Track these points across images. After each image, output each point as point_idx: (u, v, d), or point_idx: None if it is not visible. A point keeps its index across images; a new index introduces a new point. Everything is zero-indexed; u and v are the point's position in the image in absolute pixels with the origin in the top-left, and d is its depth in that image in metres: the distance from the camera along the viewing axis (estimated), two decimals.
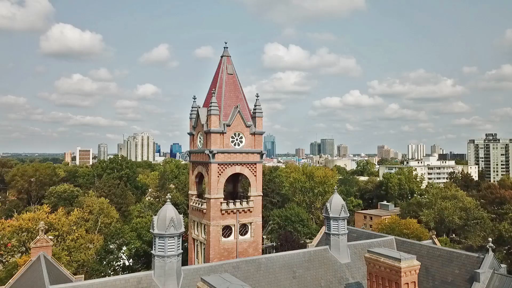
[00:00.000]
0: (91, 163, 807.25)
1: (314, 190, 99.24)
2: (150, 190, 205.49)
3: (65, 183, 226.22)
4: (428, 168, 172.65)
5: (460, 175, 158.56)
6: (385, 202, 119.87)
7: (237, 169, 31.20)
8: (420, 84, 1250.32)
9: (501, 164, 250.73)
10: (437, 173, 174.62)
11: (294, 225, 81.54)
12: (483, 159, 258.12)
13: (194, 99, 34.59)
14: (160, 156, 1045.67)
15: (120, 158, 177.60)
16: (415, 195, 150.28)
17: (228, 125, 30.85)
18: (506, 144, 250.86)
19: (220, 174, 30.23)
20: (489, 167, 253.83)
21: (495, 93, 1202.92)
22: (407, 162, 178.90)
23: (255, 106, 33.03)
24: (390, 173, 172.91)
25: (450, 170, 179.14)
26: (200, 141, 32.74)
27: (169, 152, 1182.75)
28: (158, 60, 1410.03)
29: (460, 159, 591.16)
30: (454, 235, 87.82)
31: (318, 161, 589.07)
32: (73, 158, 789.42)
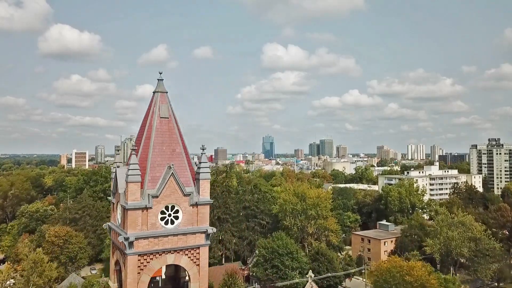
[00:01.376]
0: (87, 166, 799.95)
1: (307, 213, 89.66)
2: None
3: (50, 194, 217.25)
4: (430, 179, 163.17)
5: (464, 187, 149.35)
6: (384, 222, 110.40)
7: (170, 259, 21.55)
8: (420, 84, 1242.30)
9: (505, 171, 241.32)
10: (439, 183, 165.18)
11: (281, 259, 71.98)
12: (486, 165, 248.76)
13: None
14: None
15: (104, 170, 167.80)
16: (416, 208, 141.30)
17: (156, 196, 21.24)
18: (510, 150, 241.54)
19: (141, 270, 20.64)
20: (493, 174, 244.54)
21: (495, 92, 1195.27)
22: (408, 172, 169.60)
23: (199, 163, 23.43)
24: (390, 185, 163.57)
25: (453, 180, 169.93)
26: (119, 215, 23.12)
27: None
28: (157, 60, 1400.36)
29: (461, 160, 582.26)
30: (461, 267, 78.65)
31: (317, 164, 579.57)
32: (69, 160, 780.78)
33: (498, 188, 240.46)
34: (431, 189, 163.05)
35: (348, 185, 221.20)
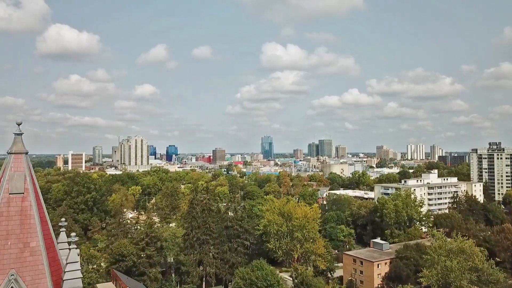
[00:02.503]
0: (83, 167, 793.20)
1: (293, 235, 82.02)
2: (125, 211, 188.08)
3: None
4: (429, 188, 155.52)
5: (464, 198, 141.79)
6: (378, 240, 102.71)
7: None
8: (419, 83, 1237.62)
9: (506, 176, 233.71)
10: (438, 193, 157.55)
11: None
12: (486, 170, 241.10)
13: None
14: (155, 158, 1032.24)
15: (87, 180, 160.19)
16: (414, 221, 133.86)
17: None
18: (511, 154, 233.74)
19: None
20: (493, 179, 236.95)
21: (494, 91, 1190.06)
22: (405, 181, 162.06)
23: (65, 264, 15.62)
24: (387, 194, 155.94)
25: (453, 188, 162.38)
26: None
27: (165, 153, 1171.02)
28: (156, 60, 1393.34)
29: (461, 161, 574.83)
30: None
31: (315, 165, 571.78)
32: (66, 162, 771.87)
33: (499, 194, 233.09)
34: (429, 199, 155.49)
35: (344, 192, 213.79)
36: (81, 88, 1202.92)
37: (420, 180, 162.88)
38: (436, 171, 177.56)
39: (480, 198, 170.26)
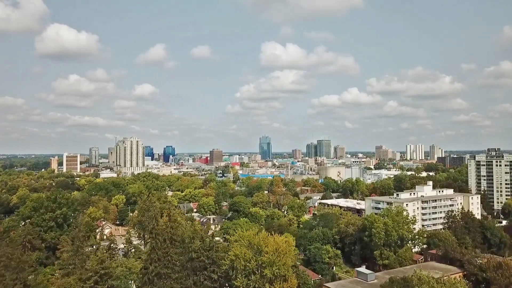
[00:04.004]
0: (78, 169, 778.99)
1: (262, 272, 72.27)
2: (104, 223, 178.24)
3: (7, 216, 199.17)
4: (422, 202, 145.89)
5: (460, 215, 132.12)
6: (363, 269, 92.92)
7: None
8: (419, 82, 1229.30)
9: (506, 184, 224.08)
10: (432, 207, 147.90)
11: None
12: (485, 178, 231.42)
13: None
14: (153, 159, 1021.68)
15: (59, 195, 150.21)
16: (405, 241, 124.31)
17: None
18: (511, 162, 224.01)
19: None
20: (492, 187, 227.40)
21: (494, 90, 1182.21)
22: (398, 195, 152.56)
23: None
24: (378, 209, 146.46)
25: (448, 202, 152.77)
26: None
27: (163, 154, 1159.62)
28: (155, 60, 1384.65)
29: (460, 162, 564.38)
30: None
31: (311, 168, 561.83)
32: (60, 163, 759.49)
33: (498, 202, 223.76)
34: (423, 213, 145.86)
35: (336, 202, 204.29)
36: (81, 88, 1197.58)
37: (414, 193, 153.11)
38: (431, 182, 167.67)
39: (478, 211, 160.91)
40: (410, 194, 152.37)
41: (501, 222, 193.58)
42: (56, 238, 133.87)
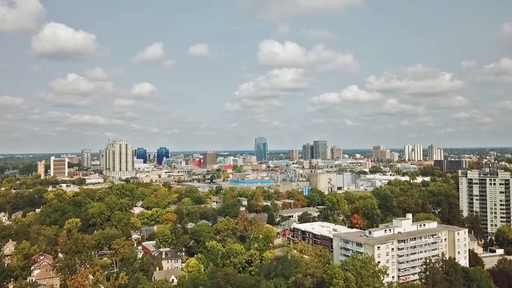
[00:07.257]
0: (66, 174, 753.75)
1: None
2: (42, 258, 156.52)
3: None
4: (399, 241, 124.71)
5: (440, 265, 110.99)
6: None
7: None
8: (418, 79, 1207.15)
9: (500, 205, 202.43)
10: (411, 247, 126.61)
11: None
12: (478, 198, 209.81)
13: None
14: (145, 162, 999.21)
15: None
16: None
17: None
18: (506, 180, 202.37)
19: None
20: (485, 208, 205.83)
21: (494, 87, 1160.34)
22: (370, 232, 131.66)
23: None
24: (346, 250, 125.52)
25: (431, 239, 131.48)
26: None
27: (157, 155, 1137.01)
28: (153, 58, 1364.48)
29: (457, 167, 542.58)
30: None
31: (301, 174, 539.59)
32: (48, 167, 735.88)
33: (492, 225, 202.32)
34: (399, 255, 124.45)
35: (310, 227, 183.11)
36: (79, 87, 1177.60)
37: (390, 229, 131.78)
38: (410, 215, 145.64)
39: (466, 247, 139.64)
40: (385, 231, 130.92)
41: (494, 251, 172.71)
42: None
